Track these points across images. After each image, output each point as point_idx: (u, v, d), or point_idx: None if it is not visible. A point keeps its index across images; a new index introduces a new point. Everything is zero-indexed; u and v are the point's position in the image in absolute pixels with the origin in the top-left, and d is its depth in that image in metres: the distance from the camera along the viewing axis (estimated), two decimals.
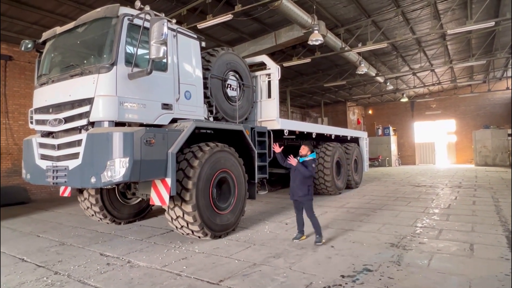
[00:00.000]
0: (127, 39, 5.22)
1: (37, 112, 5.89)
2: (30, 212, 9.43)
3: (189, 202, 5.39)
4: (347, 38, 14.26)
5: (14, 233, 6.97)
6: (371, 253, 4.89)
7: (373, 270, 4.21)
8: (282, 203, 9.79)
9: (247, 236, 6.09)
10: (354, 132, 13.98)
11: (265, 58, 8.66)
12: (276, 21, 12.48)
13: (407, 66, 20.43)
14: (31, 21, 10.54)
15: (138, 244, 5.80)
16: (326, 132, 11.15)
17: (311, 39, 11.19)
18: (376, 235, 5.91)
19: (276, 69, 8.31)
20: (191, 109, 6.22)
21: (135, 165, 4.78)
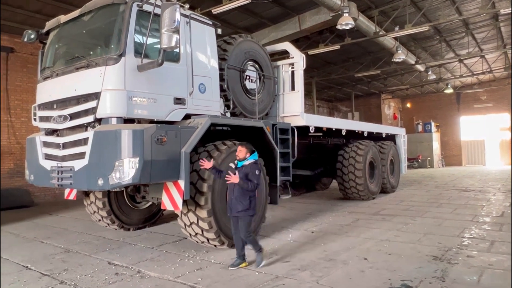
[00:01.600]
0: (136, 28, 5.33)
1: (40, 109, 6.10)
2: (34, 216, 9.80)
3: (204, 207, 5.46)
4: (381, 21, 14.00)
5: (17, 239, 7.26)
6: (411, 267, 4.79)
7: (413, 287, 4.14)
8: (307, 208, 9.76)
9: (268, 245, 6.07)
10: (390, 129, 13.72)
11: (288, 46, 8.64)
12: (300, 4, 12.40)
13: (453, 52, 19.84)
14: (33, 9, 10.92)
15: (149, 253, 5.92)
16: (357, 129, 11.02)
17: (340, 23, 11.06)
18: (416, 246, 5.80)
19: (300, 58, 8.28)
20: (206, 104, 6.28)
21: (146, 166, 4.88)
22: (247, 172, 4.88)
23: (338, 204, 10.34)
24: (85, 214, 9.21)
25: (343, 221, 8.01)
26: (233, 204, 4.91)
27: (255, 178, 4.83)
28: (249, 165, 4.94)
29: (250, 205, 4.86)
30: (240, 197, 4.86)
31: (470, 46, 18.71)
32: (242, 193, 4.86)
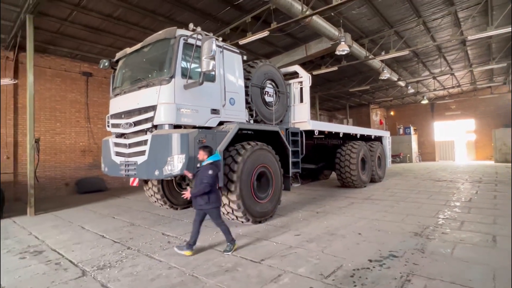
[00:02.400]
0: (182, 56, 5.40)
1: (112, 118, 6.26)
2: (107, 198, 10.10)
3: (234, 192, 5.48)
4: (371, 48, 13.67)
5: (95, 215, 7.49)
6: (396, 241, 4.67)
7: (399, 256, 4.02)
8: (312, 194, 9.64)
9: (283, 222, 6.06)
10: (377, 132, 13.38)
11: (297, 68, 8.55)
12: (307, 35, 12.26)
13: (428, 71, 19.16)
14: (106, 44, 11.22)
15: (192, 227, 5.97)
16: (352, 132, 10.79)
17: (338, 49, 10.87)
18: (400, 225, 5.63)
19: (307, 77, 8.18)
20: (235, 114, 6.30)
21: (190, 160, 4.94)
22: (201, 172, 4.35)
23: (337, 191, 10.17)
24: (144, 196, 9.46)
25: (341, 204, 7.87)
26: (196, 198, 4.34)
27: (205, 178, 4.22)
28: (204, 166, 4.37)
29: (209, 200, 4.31)
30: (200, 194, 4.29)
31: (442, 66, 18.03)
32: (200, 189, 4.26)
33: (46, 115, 11.37)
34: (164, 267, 3.95)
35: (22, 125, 10.69)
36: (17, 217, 7.57)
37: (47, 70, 11.45)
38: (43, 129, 11.16)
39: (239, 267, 3.85)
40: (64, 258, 4.43)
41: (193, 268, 3.85)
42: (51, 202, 9.70)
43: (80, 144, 12.23)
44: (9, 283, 3.64)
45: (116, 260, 4.24)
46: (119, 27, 10.07)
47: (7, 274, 3.90)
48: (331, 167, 11.26)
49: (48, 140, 11.33)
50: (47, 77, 11.45)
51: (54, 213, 7.90)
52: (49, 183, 11.28)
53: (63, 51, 11.45)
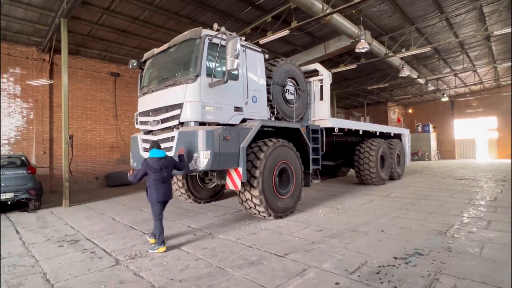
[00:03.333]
0: (207, 55, 5.42)
1: (140, 115, 6.39)
2: (134, 192, 10.37)
3: (256, 187, 5.47)
4: (390, 45, 13.25)
5: (124, 207, 7.71)
6: (421, 239, 4.50)
7: (424, 255, 3.88)
8: (331, 190, 9.50)
9: (304, 218, 6.00)
10: (397, 130, 12.97)
11: (318, 66, 8.41)
12: (326, 34, 12.03)
13: (449, 68, 18.37)
14: (132, 45, 11.47)
15: (216, 220, 6.04)
16: (371, 130, 10.53)
17: (358, 47, 10.60)
18: (423, 223, 5.43)
19: (327, 75, 8.03)
20: (257, 111, 6.27)
21: (215, 157, 4.97)
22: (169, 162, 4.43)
23: (355, 188, 9.96)
24: None
25: (360, 201, 7.70)
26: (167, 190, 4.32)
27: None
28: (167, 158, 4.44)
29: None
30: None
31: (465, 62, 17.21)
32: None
33: (78, 113, 11.80)
34: (192, 258, 4.00)
35: (56, 122, 11.14)
36: (53, 208, 7.91)
37: (78, 71, 11.86)
38: (75, 127, 11.59)
39: (264, 260, 3.84)
40: (98, 247, 4.58)
41: (219, 260, 3.88)
42: (83, 194, 10.08)
43: (109, 140, 12.62)
44: (50, 269, 3.80)
45: (146, 251, 4.33)
46: (145, 29, 10.26)
47: (48, 261, 4.08)
48: (349, 164, 11.04)
49: (80, 137, 11.75)
50: (79, 78, 11.87)
51: (87, 204, 8.20)
52: (80, 176, 11.72)
53: (93, 53, 11.82)
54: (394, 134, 12.45)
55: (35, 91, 10.70)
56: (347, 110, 30.01)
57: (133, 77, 13.15)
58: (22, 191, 7.16)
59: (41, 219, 6.65)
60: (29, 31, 9.74)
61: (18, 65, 10.42)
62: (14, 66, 10.35)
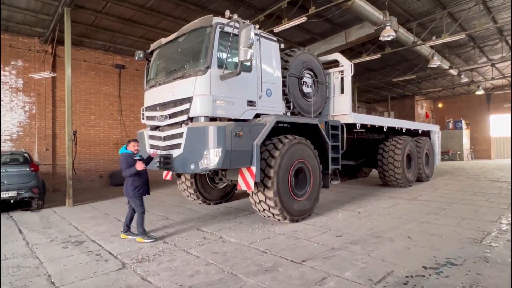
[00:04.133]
0: (218, 45, 5.43)
1: (147, 110, 6.48)
2: None
3: (271, 188, 5.47)
4: (419, 32, 12.91)
5: None
6: (453, 247, 4.40)
7: (458, 265, 3.79)
8: (351, 193, 9.41)
9: (322, 222, 5.97)
10: (425, 126, 12.69)
11: (338, 56, 8.30)
12: (347, 20, 11.84)
13: (485, 57, 17.78)
14: (138, 35, 11.63)
15: (227, 223, 6.09)
16: (397, 126, 10.33)
17: (382, 35, 10.39)
18: (455, 229, 5.31)
19: (349, 66, 7.92)
20: (272, 105, 6.25)
21: (227, 154, 4.99)
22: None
23: (379, 190, 9.82)
24: (176, 191, 9.76)
25: (384, 204, 7.59)
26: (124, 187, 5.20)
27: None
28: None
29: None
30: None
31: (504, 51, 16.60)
32: None
33: (81, 108, 12.10)
34: (202, 263, 4.04)
35: (59, 118, 11.46)
36: (56, 207, 8.16)
37: (82, 63, 12.14)
38: (78, 122, 11.89)
39: (280, 267, 3.84)
40: (103, 249, 4.70)
41: (232, 266, 3.90)
42: (87, 193, 10.34)
43: (113, 137, 12.89)
44: (55, 271, 3.92)
45: (153, 254, 4.41)
46: (151, 18, 10.38)
47: (53, 262, 4.21)
48: (372, 163, 10.91)
49: (83, 133, 12.06)
50: (82, 70, 12.15)
51: (91, 204, 8.41)
52: (84, 174, 12.03)
53: (97, 44, 12.06)
54: (422, 131, 12.20)
55: (38, 84, 11.03)
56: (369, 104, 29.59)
57: (139, 70, 13.36)
58: (25, 189, 7.41)
59: (45, 219, 6.87)
60: (32, 21, 10.02)
61: (20, 58, 10.76)
62: (16, 58, 10.68)
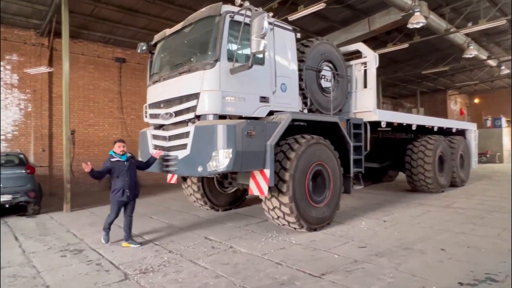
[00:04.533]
0: (228, 36, 5.46)
1: (150, 107, 6.57)
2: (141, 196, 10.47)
3: (286, 193, 5.46)
4: (453, 18, 12.67)
5: None
6: (494, 261, 4.29)
7: (499, 281, 3.70)
8: (376, 199, 9.31)
9: (343, 231, 5.92)
10: (460, 124, 12.44)
11: (361, 46, 8.23)
12: (370, 6, 11.73)
13: None
14: (140, 26, 11.81)
15: (237, 231, 6.11)
16: (428, 124, 10.18)
17: (411, 22, 10.25)
18: (496, 241, 5.18)
19: (373, 57, 7.84)
20: (287, 102, 6.25)
21: (237, 156, 5.01)
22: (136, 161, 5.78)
23: (407, 196, 9.68)
24: (181, 195, 9.83)
25: (413, 212, 7.48)
26: (134, 189, 5.38)
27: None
28: (132, 156, 5.62)
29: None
30: (137, 182, 5.51)
31: None
32: (137, 179, 5.51)
33: (79, 105, 12.35)
34: (211, 275, 4.07)
35: (56, 116, 11.74)
36: (53, 212, 8.37)
37: (80, 57, 12.40)
38: (76, 121, 12.14)
39: (297, 281, 3.84)
40: (104, 258, 4.79)
41: (243, 279, 3.92)
42: (85, 197, 10.56)
43: (113, 136, 13.07)
44: (54, 281, 4.02)
45: (158, 264, 4.47)
46: (154, 7, 10.53)
47: (51, 272, 4.32)
48: (398, 166, 10.82)
49: (82, 132, 12.31)
50: (80, 64, 12.41)
51: (90, 209, 8.59)
52: (82, 177, 12.26)
53: (96, 36, 12.30)
54: (457, 130, 11.98)
55: (33, 80, 11.33)
56: (395, 100, 29.22)
57: (141, 63, 13.55)
58: (21, 193, 7.62)
59: (41, 225, 7.05)
60: (27, 12, 10.31)
61: (15, 51, 11.07)
62: (11, 52, 11.00)
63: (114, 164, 5.33)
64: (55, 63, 11.65)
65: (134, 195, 5.44)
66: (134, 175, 5.44)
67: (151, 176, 13.59)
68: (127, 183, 5.29)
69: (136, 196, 5.51)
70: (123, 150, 5.42)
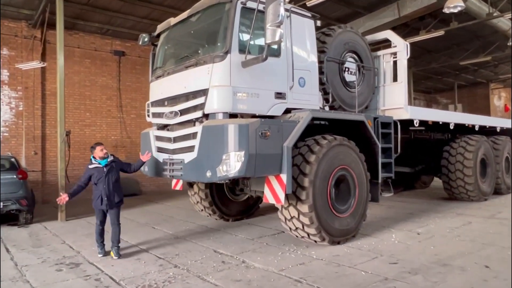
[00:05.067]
0: (240, 25, 5.49)
1: (153, 105, 6.66)
2: (143, 204, 10.87)
3: (305, 202, 5.45)
4: (496, 1, 12.45)
5: (132, 224, 8.12)
6: None
7: None
8: (407, 208, 9.22)
9: (370, 245, 5.88)
10: (505, 122, 12.16)
11: (389, 34, 8.18)
12: None
13: None
14: (141, 15, 11.98)
15: (250, 244, 6.13)
16: (468, 123, 10.00)
17: (447, 6, 10.12)
18: None
19: (404, 46, 7.78)
20: (306, 98, 6.24)
21: (251, 159, 5.02)
22: (121, 163, 5.99)
23: (443, 205, 9.54)
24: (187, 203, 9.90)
25: (451, 223, 7.36)
26: (113, 197, 5.56)
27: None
28: (115, 159, 5.86)
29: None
30: (118, 188, 5.72)
31: None
32: (119, 184, 5.77)
33: (74, 103, 12.62)
34: None
35: (50, 115, 12.02)
36: (47, 222, 8.56)
37: (75, 50, 12.67)
38: (71, 121, 12.37)
39: None
40: (103, 273, 4.87)
41: None
42: (81, 205, 10.70)
43: (112, 138, 13.33)
44: None
45: (163, 280, 4.52)
46: None
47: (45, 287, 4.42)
48: (433, 171, 10.74)
49: (78, 133, 12.55)
50: (76, 59, 12.68)
51: (86, 219, 8.74)
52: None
53: (93, 27, 12.56)
54: (501, 130, 11.73)
55: (25, 76, 11.63)
56: (429, 95, 28.91)
57: (142, 57, 13.76)
58: (12, 201, 7.82)
59: (34, 236, 7.22)
60: (19, 2, 10.60)
61: (6, 45, 11.39)
62: (1, 46, 11.30)
63: (93, 170, 5.55)
64: (49, 57, 11.94)
65: (114, 203, 5.58)
66: (115, 181, 5.63)
67: (153, 182, 13.80)
68: (105, 190, 5.47)
69: (117, 203, 5.65)
70: (105, 152, 5.63)
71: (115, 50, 13.46)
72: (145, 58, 13.05)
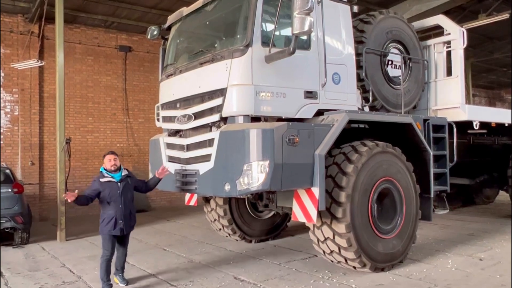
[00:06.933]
0: (263, 14, 5.53)
1: (164, 108, 6.79)
2: (152, 222, 11.03)
3: (341, 220, 5.39)
4: None
5: (140, 244, 8.24)
6: None
7: None
8: (467, 227, 9.04)
9: (422, 272, 5.77)
10: None
11: (442, 20, 8.11)
12: None
13: None
14: (148, 5, 12.25)
15: (277, 269, 6.12)
16: None
17: None
18: None
19: (459, 34, 7.70)
20: (341, 97, 6.23)
21: (276, 170, 5.02)
22: (135, 180, 5.73)
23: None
24: (203, 221, 10.02)
25: None
26: (129, 219, 5.41)
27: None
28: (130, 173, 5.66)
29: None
30: (134, 208, 5.57)
31: None
32: (133, 204, 5.59)
33: (75, 107, 13.01)
34: None
35: (48, 121, 12.43)
36: (45, 242, 8.81)
37: (76, 47, 13.09)
38: (72, 126, 12.75)
39: None
40: None
41: None
42: (83, 223, 11.01)
43: (117, 145, 13.62)
44: None
45: None
46: None
47: None
48: (498, 182, 10.65)
49: (79, 140, 12.90)
50: (77, 56, 13.10)
51: (88, 239, 8.96)
52: None
53: (96, 19, 12.93)
54: None
55: (21, 77, 12.09)
56: (491, 91, 28.18)
57: (151, 52, 14.07)
58: (7, 218, 8.08)
59: (31, 258, 7.44)
60: None
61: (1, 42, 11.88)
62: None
63: (105, 185, 5.26)
64: (47, 55, 12.38)
65: (129, 226, 5.45)
66: (130, 200, 5.45)
67: (164, 197, 14.01)
68: (120, 210, 5.23)
69: (131, 228, 5.54)
70: (114, 164, 5.36)
71: (120, 46, 13.81)
72: (155, 54, 13.32)
